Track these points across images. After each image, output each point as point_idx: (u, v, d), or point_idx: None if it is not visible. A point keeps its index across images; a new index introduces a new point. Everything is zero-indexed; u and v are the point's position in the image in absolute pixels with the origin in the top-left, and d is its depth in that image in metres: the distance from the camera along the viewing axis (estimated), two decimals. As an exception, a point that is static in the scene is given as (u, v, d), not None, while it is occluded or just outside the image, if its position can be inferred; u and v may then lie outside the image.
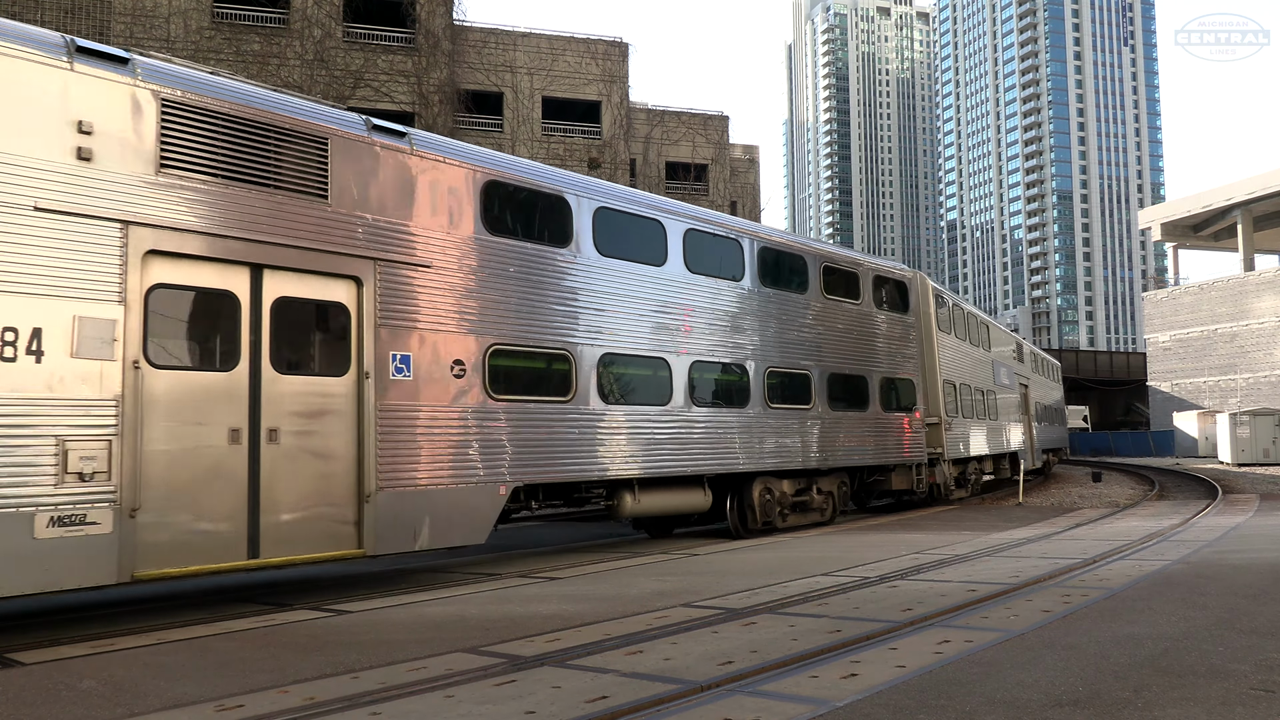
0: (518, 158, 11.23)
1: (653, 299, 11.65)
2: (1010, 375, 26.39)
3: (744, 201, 40.62)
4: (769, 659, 5.22)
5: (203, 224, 7.45)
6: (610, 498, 11.21)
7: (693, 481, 12.07)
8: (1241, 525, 13.29)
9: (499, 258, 9.74)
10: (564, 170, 11.55)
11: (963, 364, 20.50)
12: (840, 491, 14.92)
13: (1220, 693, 4.29)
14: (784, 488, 13.65)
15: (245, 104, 7.92)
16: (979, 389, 21.86)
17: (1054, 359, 44.62)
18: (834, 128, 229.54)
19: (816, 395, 14.10)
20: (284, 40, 27.29)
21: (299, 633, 6.72)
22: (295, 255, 7.98)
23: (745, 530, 13.05)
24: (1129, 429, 68.97)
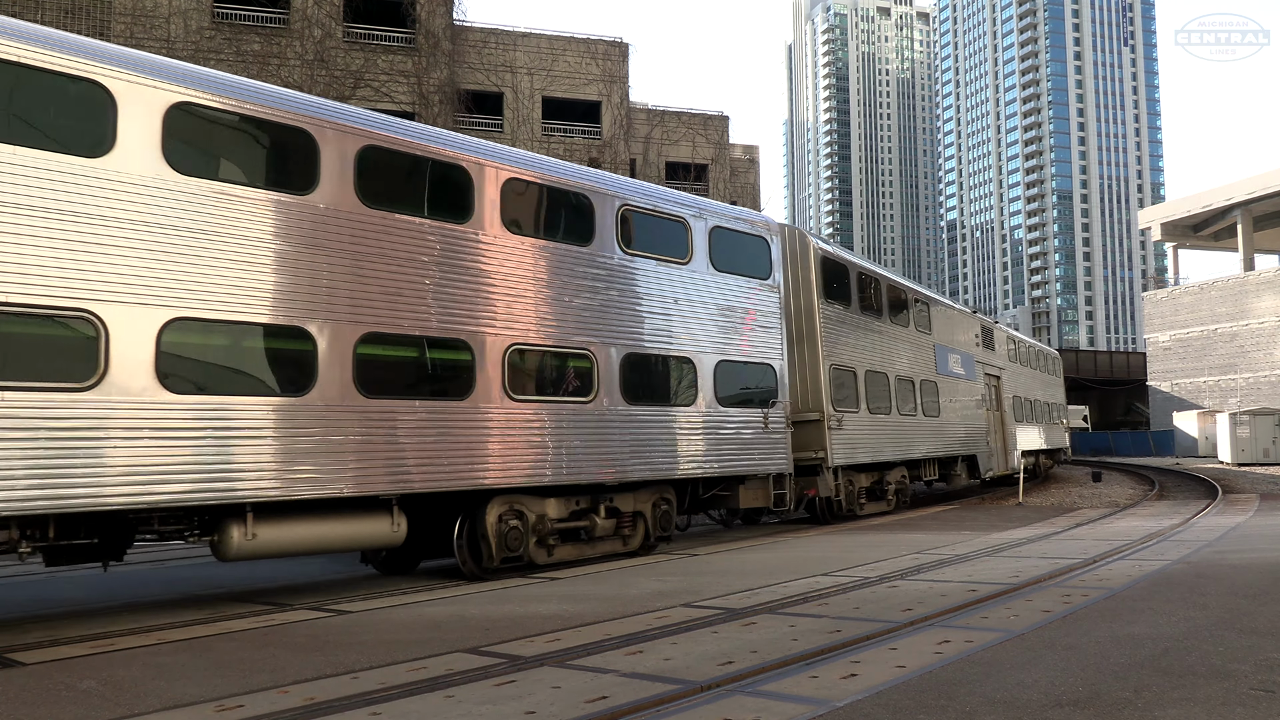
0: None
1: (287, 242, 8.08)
2: (969, 364, 22.21)
3: (744, 202, 40.58)
4: (769, 659, 5.22)
5: None
6: (210, 530, 7.82)
7: (366, 505, 8.48)
8: (1241, 525, 13.28)
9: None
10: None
11: (873, 347, 16.75)
12: (658, 512, 11.35)
13: (1220, 693, 4.29)
14: (547, 509, 10.02)
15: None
16: (906, 378, 17.99)
17: (1052, 351, 37.76)
18: (834, 128, 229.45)
19: (602, 384, 10.30)
20: (284, 40, 27.29)
21: (299, 633, 6.72)
22: None
23: (482, 569, 9.48)
24: (1129, 429, 68.94)
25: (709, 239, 12.05)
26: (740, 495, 12.59)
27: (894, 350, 17.81)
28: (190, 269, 7.36)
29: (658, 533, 11.36)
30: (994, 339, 25.54)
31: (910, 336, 18.82)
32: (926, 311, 20.10)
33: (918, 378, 18.68)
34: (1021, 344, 30.08)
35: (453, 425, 8.93)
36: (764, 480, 12.75)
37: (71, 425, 6.64)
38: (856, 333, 16.18)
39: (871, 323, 17.01)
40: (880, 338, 17.22)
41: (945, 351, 20.63)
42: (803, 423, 14.32)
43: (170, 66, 7.75)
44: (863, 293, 16.76)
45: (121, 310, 6.94)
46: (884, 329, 17.52)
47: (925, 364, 19.33)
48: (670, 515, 11.61)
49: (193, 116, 7.62)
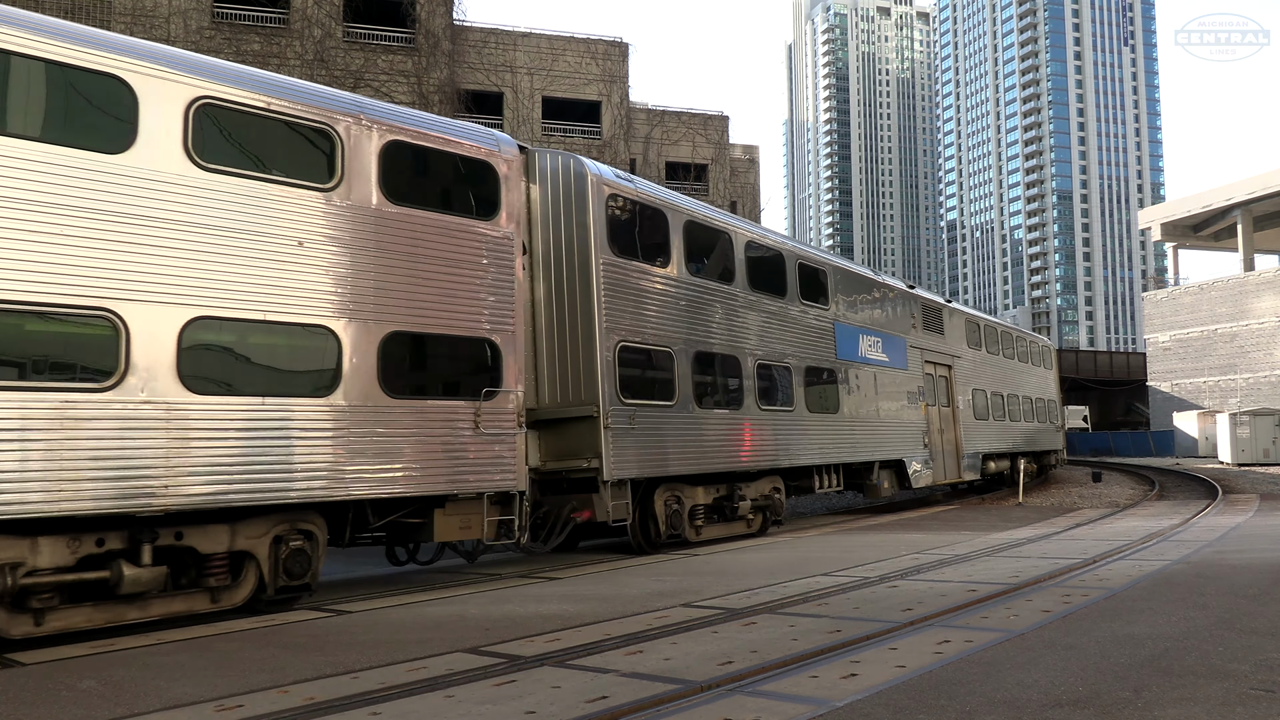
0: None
1: None
2: (897, 350, 18.20)
3: (744, 201, 40.61)
4: (769, 659, 5.22)
5: None
6: None
7: None
8: (1241, 525, 13.28)
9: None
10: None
11: (709, 321, 12.78)
12: (281, 552, 7.72)
13: (1220, 693, 4.29)
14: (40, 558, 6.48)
15: None
16: (778, 364, 14.16)
17: (1041, 339, 31.63)
18: (834, 128, 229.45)
19: (138, 365, 6.83)
20: (284, 40, 27.29)
21: (299, 633, 6.72)
22: None
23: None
24: (1129, 429, 68.94)
25: (380, 158, 8.53)
26: (437, 523, 8.81)
27: (752, 327, 13.71)
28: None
29: (283, 580, 7.71)
30: (943, 322, 21.15)
31: (789, 311, 14.71)
32: (822, 281, 15.95)
33: (801, 364, 14.71)
34: (991, 329, 25.08)
35: None
36: (477, 501, 8.99)
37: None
38: (676, 301, 12.09)
39: (712, 290, 12.92)
40: (725, 310, 13.09)
41: (856, 333, 16.67)
42: (567, 421, 10.63)
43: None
44: (696, 249, 12.86)
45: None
46: (736, 299, 13.39)
47: (816, 347, 15.30)
48: (309, 556, 7.89)
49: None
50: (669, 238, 12.26)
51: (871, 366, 17.10)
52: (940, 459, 19.65)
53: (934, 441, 19.35)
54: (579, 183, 11.03)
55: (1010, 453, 24.69)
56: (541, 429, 10.62)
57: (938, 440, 19.64)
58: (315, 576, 8.03)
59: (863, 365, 16.78)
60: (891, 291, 18.86)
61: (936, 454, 19.43)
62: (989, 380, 23.79)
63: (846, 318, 16.52)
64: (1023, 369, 27.51)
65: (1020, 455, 24.72)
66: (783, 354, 14.36)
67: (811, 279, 15.67)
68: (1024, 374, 27.56)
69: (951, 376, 21.07)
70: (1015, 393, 25.97)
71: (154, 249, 7.07)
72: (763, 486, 13.74)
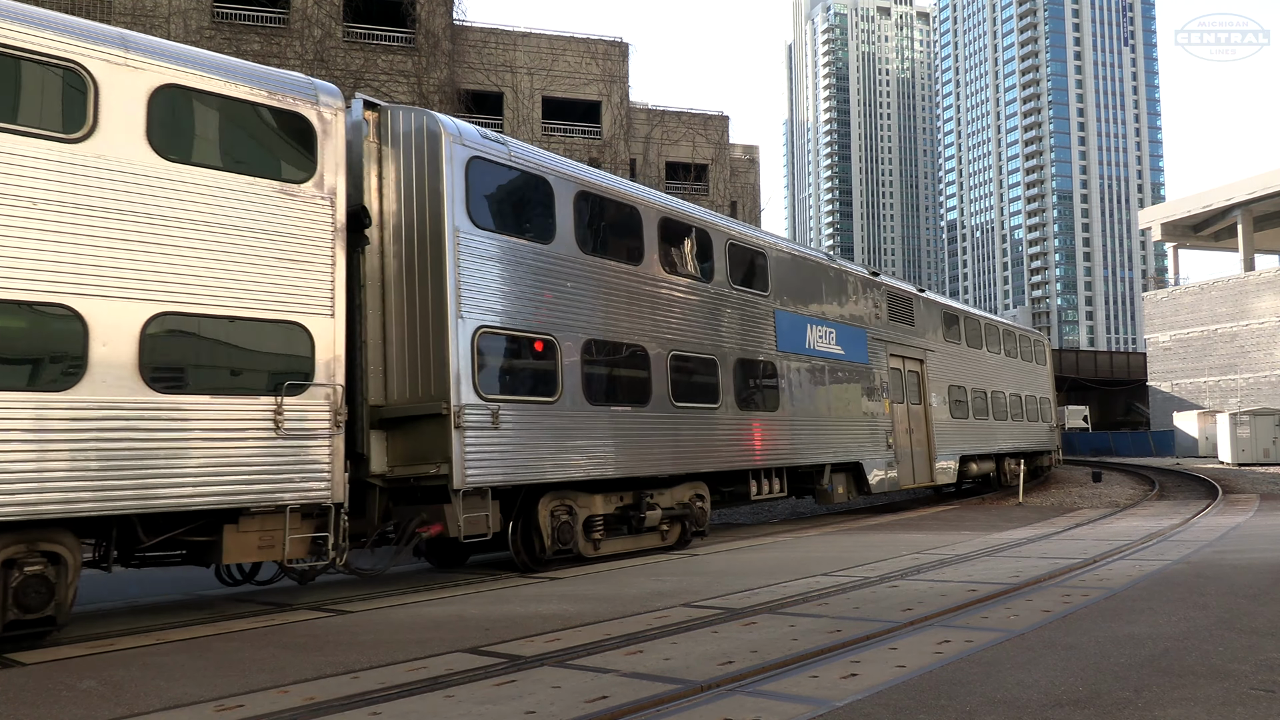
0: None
1: None
2: (855, 341, 16.56)
3: (744, 201, 40.61)
4: (769, 659, 5.22)
5: None
6: None
7: None
8: (1242, 525, 13.28)
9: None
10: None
11: (602, 308, 10.98)
12: (12, 580, 6.39)
13: (1220, 693, 4.29)
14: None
15: None
16: (697, 355, 12.43)
17: (1033, 332, 29.75)
18: (834, 128, 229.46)
19: None
20: (284, 40, 27.30)
21: (299, 633, 6.73)
22: None
23: None
24: (1129, 429, 68.95)
25: (150, 104, 7.25)
26: (227, 541, 7.47)
27: (667, 314, 12.05)
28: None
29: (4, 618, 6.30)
30: (913, 313, 19.46)
31: (713, 296, 13.01)
32: (759, 264, 14.25)
33: (731, 356, 13.05)
34: (973, 322, 23.20)
35: None
36: (278, 515, 7.65)
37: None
38: (561, 283, 10.45)
39: (613, 270, 11.24)
40: (630, 294, 11.44)
41: (803, 323, 15.01)
42: (418, 419, 9.11)
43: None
44: (593, 224, 11.27)
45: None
46: (645, 282, 11.76)
47: (750, 337, 13.61)
48: (47, 583, 6.51)
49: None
50: (554, 209, 10.56)
51: (822, 360, 15.44)
52: (908, 461, 17.92)
53: (900, 442, 17.66)
54: (432, 143, 9.41)
55: (996, 454, 23.13)
56: (391, 429, 9.14)
57: (905, 441, 17.92)
58: (64, 608, 6.56)
59: (811, 358, 15.11)
60: (850, 278, 16.99)
61: (903, 455, 17.73)
62: (970, 376, 22.05)
63: (791, 306, 14.81)
64: (1011, 365, 25.66)
65: (1007, 457, 23.68)
66: (706, 344, 12.63)
67: (746, 261, 13.94)
68: (1013, 370, 25.61)
69: (923, 372, 19.28)
70: (1001, 390, 24.09)
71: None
72: (681, 493, 12.02)
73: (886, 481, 16.85)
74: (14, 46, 6.61)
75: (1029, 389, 26.71)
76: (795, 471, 14.66)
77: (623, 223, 11.80)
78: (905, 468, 17.80)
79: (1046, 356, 29.90)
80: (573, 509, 10.38)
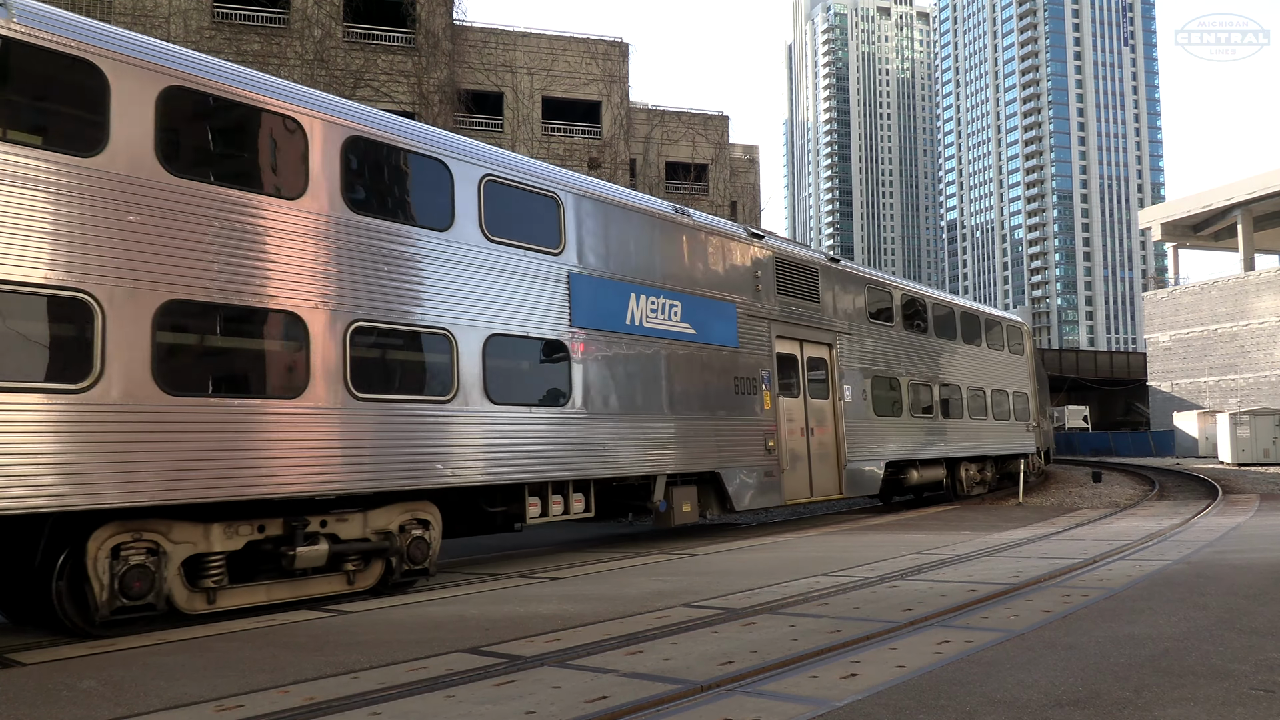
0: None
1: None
2: (720, 318, 13.36)
3: (744, 201, 40.62)
4: (769, 659, 5.22)
5: None
6: None
7: None
8: (1242, 525, 13.28)
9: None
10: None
11: (167, 251, 7.26)
12: None
13: (1220, 693, 4.29)
14: None
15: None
16: (404, 330, 9.17)
17: (1010, 318, 25.25)
18: (834, 128, 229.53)
19: None
20: (284, 40, 27.30)
21: (299, 633, 6.72)
22: None
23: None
24: (1129, 429, 68.97)
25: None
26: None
27: (342, 271, 8.40)
28: None
29: None
30: (817, 284, 15.72)
31: (447, 250, 9.50)
32: (537, 209, 10.83)
33: (474, 330, 9.63)
34: (916, 301, 19.29)
35: None
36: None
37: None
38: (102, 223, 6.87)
39: (231, 203, 7.67)
40: (249, 237, 7.80)
41: (623, 291, 11.75)
42: None
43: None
44: (184, 139, 7.72)
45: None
46: (304, 224, 8.26)
47: (517, 305, 10.22)
48: None
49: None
50: (109, 108, 7.06)
51: (657, 340, 12.09)
52: (801, 469, 14.59)
53: (788, 446, 14.34)
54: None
55: (950, 459, 19.60)
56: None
57: (797, 444, 14.61)
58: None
59: (636, 338, 11.78)
60: (713, 238, 13.53)
61: (793, 462, 14.43)
62: (907, 366, 18.20)
63: (602, 269, 11.46)
64: (975, 355, 21.69)
65: (966, 462, 20.32)
66: (427, 315, 9.26)
67: (518, 206, 10.58)
68: (977, 361, 21.68)
69: (833, 359, 15.81)
70: (956, 383, 20.26)
71: None
72: (382, 518, 8.72)
73: (762, 495, 13.51)
74: None
75: (1001, 382, 23.01)
76: (615, 484, 11.73)
77: (254, 130, 8.22)
78: (795, 477, 14.41)
79: (1026, 346, 25.77)
80: (160, 547, 7.10)
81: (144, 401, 6.85)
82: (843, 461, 15.67)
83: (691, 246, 13.13)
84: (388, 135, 9.27)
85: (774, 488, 13.87)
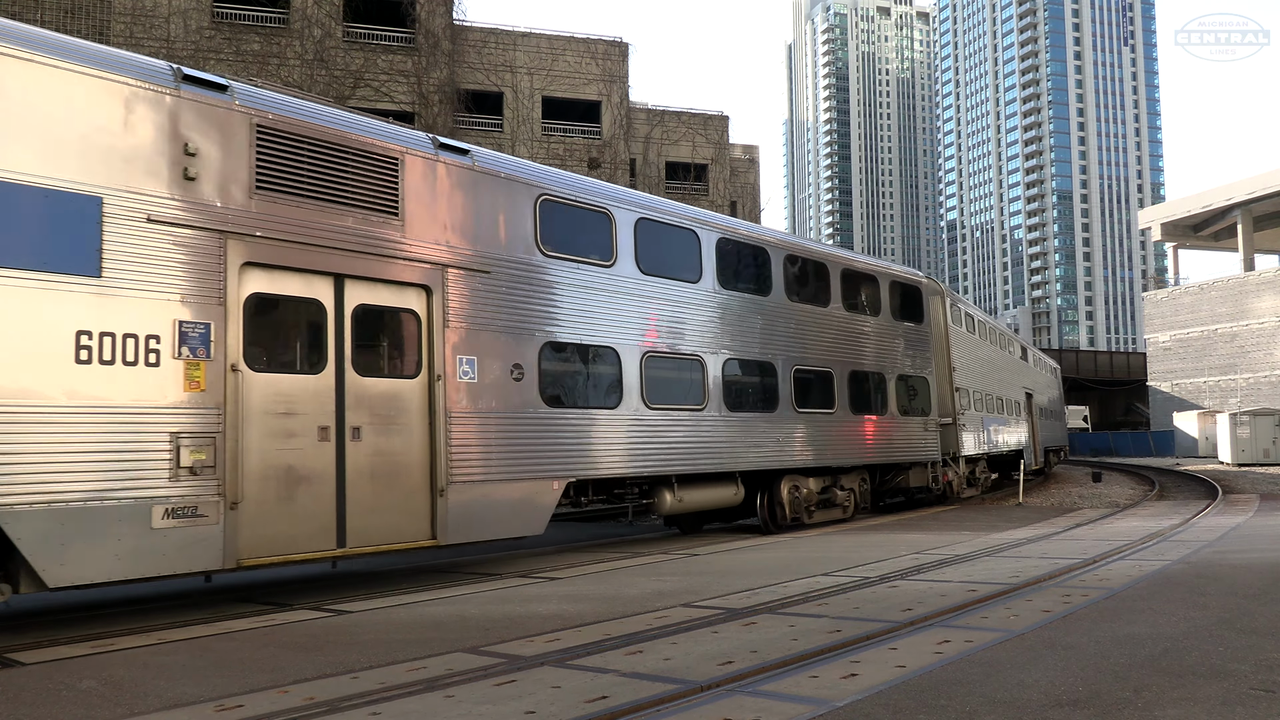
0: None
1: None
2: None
3: (744, 201, 40.62)
4: (769, 659, 5.22)
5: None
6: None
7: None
8: (1242, 525, 13.28)
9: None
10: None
11: None
12: None
13: (1220, 693, 4.29)
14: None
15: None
16: None
17: (907, 272, 18.14)
18: (834, 128, 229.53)
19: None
20: (284, 40, 27.29)
21: (299, 633, 6.72)
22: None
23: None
24: (1129, 429, 68.99)
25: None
26: None
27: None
28: None
29: None
30: (396, 183, 9.15)
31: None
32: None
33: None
34: (672, 227, 12.58)
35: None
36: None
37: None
38: None
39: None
40: None
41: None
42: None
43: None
44: None
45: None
46: None
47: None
48: None
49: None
50: None
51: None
52: (305, 500, 8.06)
53: (256, 460, 7.79)
54: None
55: (759, 471, 13.38)
56: None
57: (297, 457, 8.08)
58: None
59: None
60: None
61: (282, 488, 7.92)
62: (642, 327, 11.74)
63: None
64: (814, 318, 14.71)
65: (792, 474, 13.94)
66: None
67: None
68: (819, 327, 14.80)
69: (431, 311, 9.34)
70: (772, 359, 13.72)
71: None
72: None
73: (153, 553, 7.01)
74: None
75: (876, 362, 16.04)
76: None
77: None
78: (284, 516, 7.89)
79: (940, 314, 19.29)
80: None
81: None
82: (442, 484, 9.10)
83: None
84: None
85: (200, 540, 7.29)
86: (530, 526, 10.07)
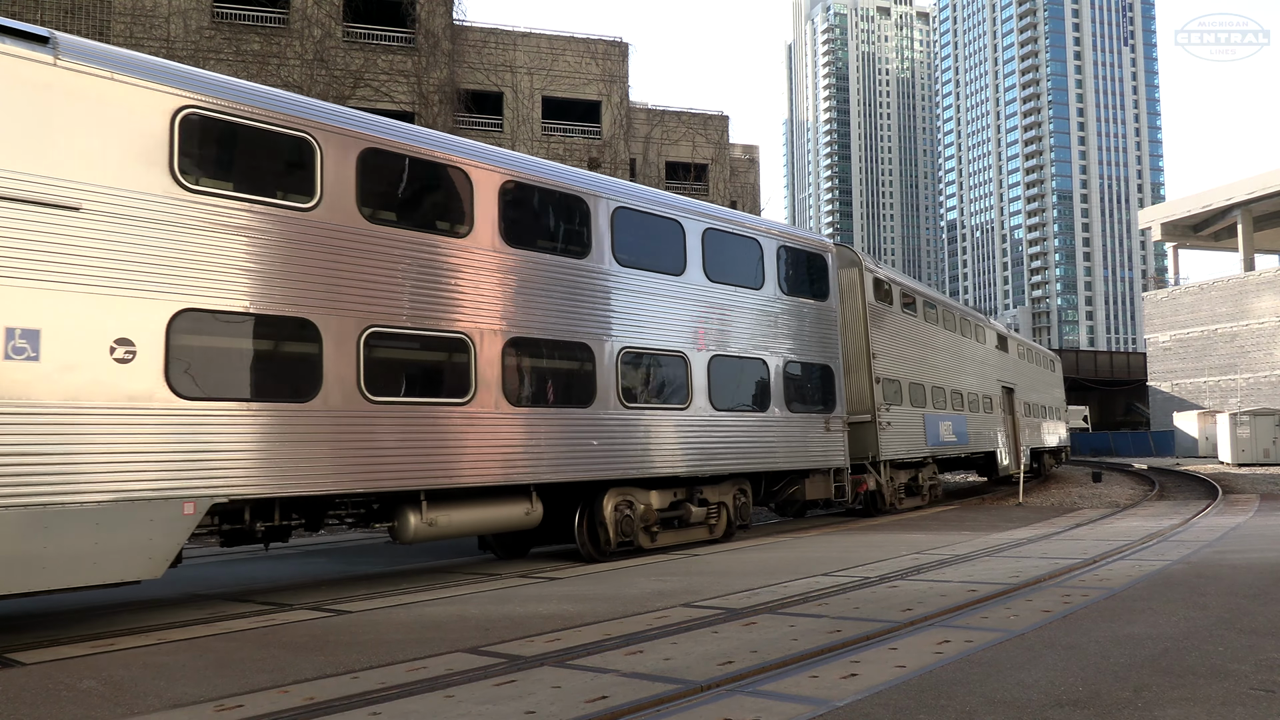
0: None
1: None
2: None
3: (744, 201, 40.61)
4: (769, 659, 5.22)
5: None
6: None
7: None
8: (1241, 525, 13.28)
9: None
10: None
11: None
12: None
13: (1220, 692, 4.29)
14: None
15: None
16: None
17: (805, 236, 14.94)
18: (834, 128, 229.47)
19: None
20: (284, 40, 27.28)
21: (299, 633, 6.72)
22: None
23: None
24: (1129, 429, 68.97)
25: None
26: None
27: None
28: None
29: None
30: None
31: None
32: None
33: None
34: (430, 164, 9.51)
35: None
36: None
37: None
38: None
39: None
40: None
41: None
42: None
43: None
44: None
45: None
46: None
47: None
48: None
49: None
50: None
51: None
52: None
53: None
54: None
55: (562, 484, 10.36)
56: None
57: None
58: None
59: None
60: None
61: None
62: (387, 303, 8.77)
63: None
64: (657, 285, 11.87)
65: (621, 486, 11.04)
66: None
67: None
68: (669, 300, 11.99)
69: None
70: (585, 337, 10.72)
71: None
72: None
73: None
74: None
75: (753, 345, 13.25)
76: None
77: None
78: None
79: (857, 290, 16.69)
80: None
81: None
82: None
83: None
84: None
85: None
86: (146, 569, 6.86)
